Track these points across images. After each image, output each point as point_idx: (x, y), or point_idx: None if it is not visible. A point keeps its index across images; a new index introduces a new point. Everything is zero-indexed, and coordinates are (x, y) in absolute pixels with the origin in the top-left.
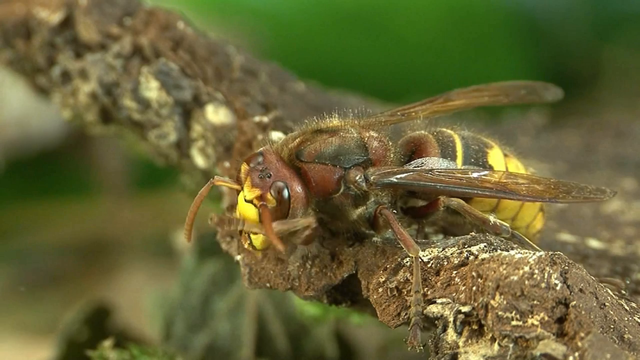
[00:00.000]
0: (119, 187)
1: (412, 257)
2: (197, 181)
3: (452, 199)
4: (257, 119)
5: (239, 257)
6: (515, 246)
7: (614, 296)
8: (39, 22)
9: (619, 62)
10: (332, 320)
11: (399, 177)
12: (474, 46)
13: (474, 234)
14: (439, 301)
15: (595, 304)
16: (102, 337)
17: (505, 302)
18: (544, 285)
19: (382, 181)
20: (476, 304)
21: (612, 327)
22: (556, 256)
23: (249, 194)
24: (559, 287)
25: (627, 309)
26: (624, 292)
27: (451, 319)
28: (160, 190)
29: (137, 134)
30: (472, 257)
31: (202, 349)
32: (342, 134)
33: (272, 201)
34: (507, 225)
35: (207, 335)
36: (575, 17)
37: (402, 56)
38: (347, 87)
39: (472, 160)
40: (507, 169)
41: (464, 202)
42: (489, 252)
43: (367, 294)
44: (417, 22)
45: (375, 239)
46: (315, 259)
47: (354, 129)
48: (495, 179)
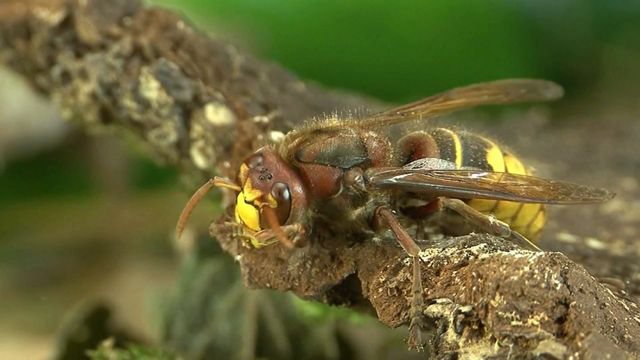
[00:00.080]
0: (119, 187)
1: (412, 257)
2: (197, 181)
3: (452, 199)
4: (257, 119)
5: (239, 257)
6: (515, 246)
7: (614, 296)
8: (39, 22)
9: (619, 62)
10: (332, 320)
11: (398, 177)
12: (474, 46)
13: (474, 234)
14: (439, 301)
15: (595, 304)
16: (102, 337)
17: (505, 302)
18: (544, 285)
19: (381, 182)
20: (476, 304)
21: (612, 327)
22: (556, 256)
23: (250, 195)
24: (559, 287)
25: (627, 309)
26: (624, 292)
27: (451, 319)
28: (160, 190)
29: (137, 134)
30: (472, 257)
31: (202, 349)
32: (341, 134)
33: (273, 202)
34: (506, 225)
35: (207, 335)
36: (575, 17)
37: (402, 56)
38: (347, 87)
39: (471, 160)
40: (506, 168)
41: (463, 202)
42: (489, 252)
43: (367, 294)
44: (417, 22)
45: (375, 239)
46: (315, 259)
47: (353, 130)
48: (494, 180)
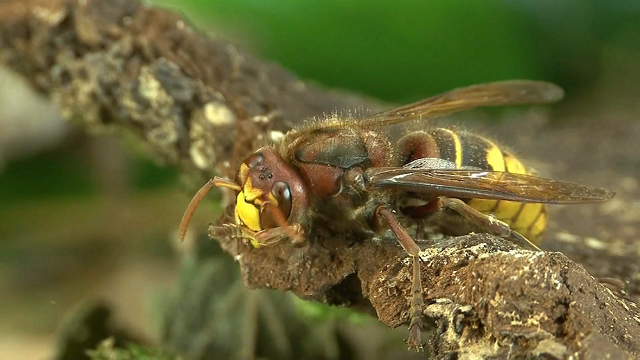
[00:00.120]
0: (119, 187)
1: (412, 257)
2: (197, 181)
3: (452, 199)
4: (257, 119)
5: (239, 257)
6: (515, 246)
7: (614, 296)
8: (39, 22)
9: (619, 62)
10: (332, 320)
11: (398, 177)
12: (474, 46)
13: (474, 234)
14: (439, 301)
15: (595, 304)
16: (102, 337)
17: (505, 302)
18: (544, 285)
19: (382, 182)
20: (476, 304)
21: (612, 327)
22: (556, 256)
23: (250, 194)
24: (559, 287)
25: (627, 309)
26: (624, 292)
27: (451, 319)
28: (160, 190)
29: (137, 134)
30: (472, 257)
31: (202, 349)
32: (341, 134)
33: (274, 201)
34: (506, 225)
35: (207, 335)
36: (575, 17)
37: (402, 56)
38: (347, 87)
39: (472, 160)
40: (506, 169)
41: (463, 202)
42: (489, 252)
43: (367, 294)
44: (417, 22)
45: (375, 239)
46: (315, 259)
47: (353, 130)
48: (494, 180)
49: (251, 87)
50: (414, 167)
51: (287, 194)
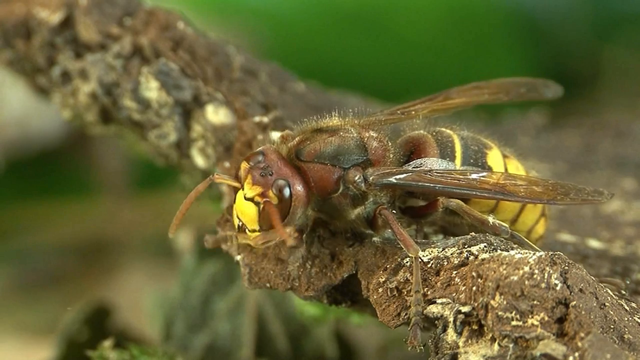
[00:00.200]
0: (119, 187)
1: (412, 257)
2: (197, 181)
3: (451, 199)
4: (257, 119)
5: (239, 257)
6: (515, 246)
7: (614, 296)
8: (39, 22)
9: (619, 62)
10: (332, 320)
11: (397, 177)
12: (474, 46)
13: (474, 234)
14: (439, 301)
15: (595, 304)
16: (102, 337)
17: (505, 302)
18: (544, 285)
19: (381, 181)
20: (476, 304)
21: (612, 327)
22: (556, 256)
23: (250, 191)
24: (559, 287)
25: (627, 309)
26: (624, 292)
27: (451, 319)
28: (160, 190)
29: (137, 134)
30: (472, 257)
31: (202, 349)
32: (341, 133)
33: (273, 198)
34: (506, 225)
35: (207, 335)
36: (575, 17)
37: (402, 56)
38: (347, 87)
39: (471, 160)
40: (506, 169)
41: (462, 202)
42: (489, 252)
43: (367, 294)
44: (417, 22)
45: (375, 239)
46: (315, 259)
47: (353, 129)
48: (493, 180)
49: (251, 87)
50: (414, 167)
51: (287, 192)
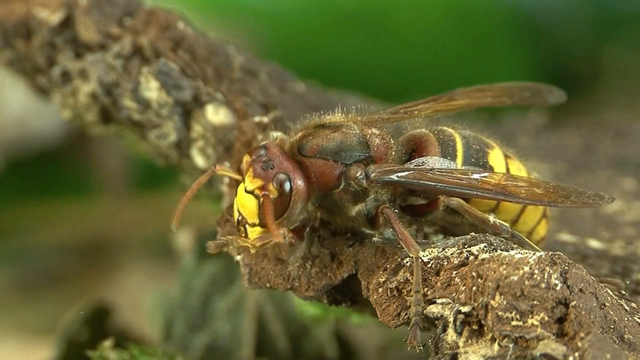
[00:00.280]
0: (119, 187)
1: (412, 257)
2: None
3: (452, 198)
4: (257, 119)
5: (239, 257)
6: (515, 246)
7: (614, 296)
8: (39, 22)
9: (619, 62)
10: (332, 320)
11: (399, 175)
12: (474, 46)
13: (474, 234)
14: (439, 301)
15: (595, 304)
16: (102, 337)
17: (505, 302)
18: (544, 285)
19: (383, 179)
20: (476, 304)
21: (612, 327)
22: (556, 256)
23: (251, 184)
24: (559, 287)
25: (627, 309)
26: (624, 292)
27: (451, 319)
28: (160, 190)
29: (137, 134)
30: (472, 257)
31: (202, 349)
32: (344, 130)
33: (273, 192)
34: (506, 225)
35: (207, 335)
36: (575, 17)
37: (402, 56)
38: (347, 87)
39: (473, 160)
40: (508, 170)
41: (463, 201)
42: (489, 252)
43: (367, 294)
44: (417, 22)
45: (375, 239)
46: (315, 259)
47: (356, 126)
48: (495, 180)
49: (251, 87)
50: (415, 165)
51: (287, 186)
